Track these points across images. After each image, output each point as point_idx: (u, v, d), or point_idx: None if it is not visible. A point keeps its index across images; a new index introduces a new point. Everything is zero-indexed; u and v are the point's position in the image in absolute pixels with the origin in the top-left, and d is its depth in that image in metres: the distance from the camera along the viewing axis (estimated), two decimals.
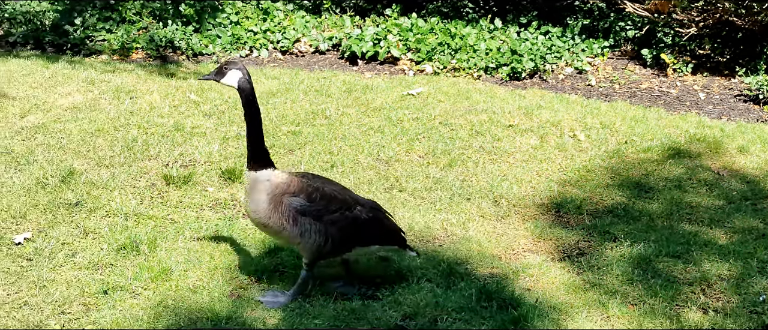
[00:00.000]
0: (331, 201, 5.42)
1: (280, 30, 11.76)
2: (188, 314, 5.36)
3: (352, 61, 11.19)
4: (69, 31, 11.55)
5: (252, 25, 11.75)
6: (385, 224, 5.66)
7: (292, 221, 5.32)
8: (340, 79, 10.22)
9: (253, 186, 5.39)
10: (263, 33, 11.70)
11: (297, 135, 8.36)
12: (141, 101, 9.23)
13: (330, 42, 11.58)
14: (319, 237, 5.37)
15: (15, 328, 5.19)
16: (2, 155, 7.60)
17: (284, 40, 11.59)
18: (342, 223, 5.42)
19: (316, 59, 11.39)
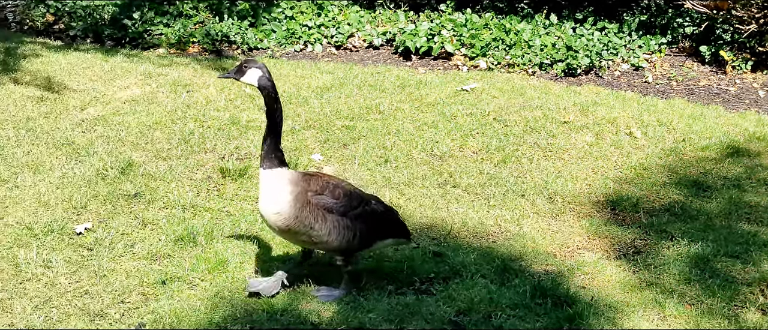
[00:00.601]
0: (352, 197, 5.41)
1: (335, 25, 11.81)
2: (244, 306, 5.42)
3: (405, 57, 11.20)
4: (127, 24, 11.73)
5: (306, 20, 11.82)
6: (396, 217, 5.71)
7: (322, 219, 5.26)
8: (394, 75, 10.23)
9: (270, 185, 5.26)
10: (318, 28, 11.76)
11: (351, 130, 8.40)
12: (197, 95, 9.34)
13: (384, 37, 11.61)
14: (347, 232, 5.33)
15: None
16: (64, 146, 7.75)
17: (338, 35, 11.64)
18: (365, 218, 5.42)
19: (369, 54, 11.42)
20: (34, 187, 6.94)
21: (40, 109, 8.72)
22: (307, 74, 10.18)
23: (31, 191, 6.87)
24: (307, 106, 9.00)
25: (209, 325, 5.21)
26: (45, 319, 5.21)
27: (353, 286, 5.62)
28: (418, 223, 6.63)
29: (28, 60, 10.47)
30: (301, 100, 9.21)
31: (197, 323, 5.22)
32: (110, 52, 11.06)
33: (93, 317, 5.28)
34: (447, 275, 5.86)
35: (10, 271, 5.70)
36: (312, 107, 8.98)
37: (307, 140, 8.12)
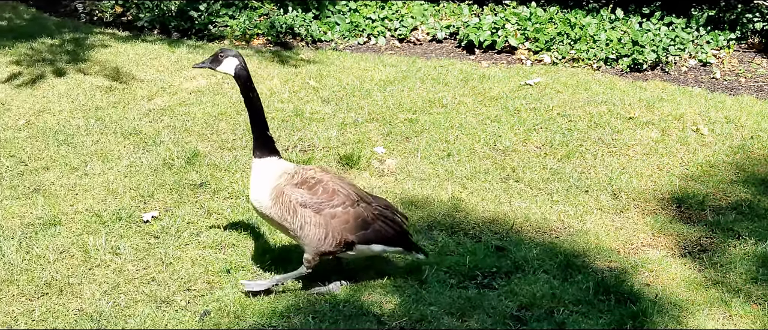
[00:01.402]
0: (334, 195, 5.32)
1: (398, 18, 11.82)
2: (307, 296, 5.47)
3: (468, 50, 11.16)
4: (194, 16, 11.89)
5: (370, 13, 11.84)
6: (390, 225, 5.48)
7: (293, 213, 5.26)
8: (457, 68, 10.21)
9: (256, 174, 5.35)
10: (381, 21, 11.78)
11: (414, 123, 8.41)
12: (262, 86, 9.43)
13: (447, 30, 11.58)
14: (318, 230, 5.27)
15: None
16: (131, 136, 7.89)
17: (402, 28, 11.65)
18: (343, 218, 5.31)
19: (432, 47, 11.41)
20: (102, 176, 7.09)
21: (108, 99, 8.89)
22: (371, 67, 10.21)
23: (100, 179, 7.02)
24: (370, 99, 9.03)
25: (272, 314, 5.27)
26: (113, 304, 5.32)
27: (282, 282, 5.48)
28: (481, 217, 6.61)
29: (97, 50, 10.67)
30: (364, 92, 9.24)
31: (260, 312, 5.29)
32: (176, 44, 11.22)
33: (160, 304, 5.37)
34: (509, 270, 5.84)
35: (80, 257, 5.83)
36: (375, 100, 9.01)
37: (370, 133, 8.15)
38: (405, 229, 5.59)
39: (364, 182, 7.16)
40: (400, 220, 5.58)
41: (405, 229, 5.59)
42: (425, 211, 6.68)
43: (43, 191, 6.77)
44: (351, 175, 7.29)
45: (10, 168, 7.14)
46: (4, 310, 5.19)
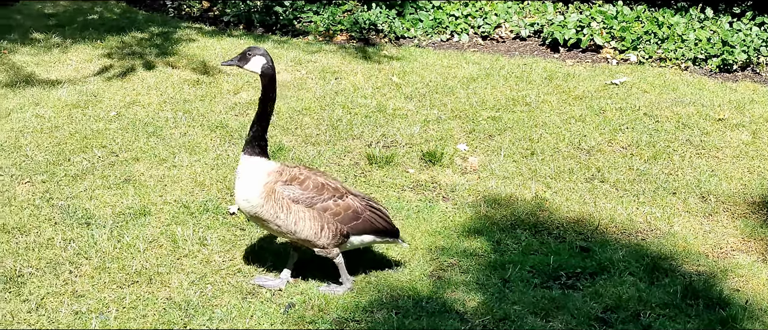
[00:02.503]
0: (323, 189, 5.36)
1: (482, 15, 11.76)
2: (390, 291, 5.49)
3: (553, 48, 11.05)
4: (278, 12, 12.02)
5: (454, 10, 11.81)
6: (379, 215, 5.50)
7: (286, 210, 5.26)
8: (541, 66, 10.12)
9: (245, 171, 5.33)
10: (464, 17, 11.74)
11: (497, 121, 8.37)
12: (345, 82, 9.49)
13: (531, 28, 11.48)
14: (314, 224, 5.29)
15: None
16: (218, 129, 8.02)
17: (485, 25, 11.59)
18: (335, 210, 5.34)
19: (516, 45, 11.33)
20: (190, 168, 7.22)
21: (195, 92, 9.05)
22: (454, 64, 10.19)
23: (187, 171, 7.15)
24: (453, 96, 9.02)
25: (355, 308, 5.31)
26: (200, 294, 5.42)
27: (346, 273, 5.52)
28: (565, 217, 6.55)
29: (185, 44, 10.87)
30: (447, 89, 9.23)
31: (344, 306, 5.32)
32: (261, 39, 11.36)
33: (245, 295, 5.45)
34: (594, 271, 5.77)
35: (169, 247, 5.95)
36: (458, 97, 8.99)
37: (453, 130, 8.14)
38: (391, 221, 5.61)
39: (447, 179, 7.15)
40: (386, 213, 5.61)
41: (391, 221, 5.61)
42: (508, 210, 6.65)
43: (133, 182, 6.93)
44: (434, 172, 7.29)
45: (101, 158, 7.33)
46: (97, 297, 5.33)
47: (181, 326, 5.11)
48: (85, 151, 7.45)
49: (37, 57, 10.21)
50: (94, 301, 5.29)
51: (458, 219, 6.50)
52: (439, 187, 7.07)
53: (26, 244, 5.89)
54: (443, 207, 6.71)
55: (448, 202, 6.81)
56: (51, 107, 8.46)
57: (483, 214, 6.58)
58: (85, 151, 7.45)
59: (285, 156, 7.45)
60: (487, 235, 6.25)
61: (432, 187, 7.08)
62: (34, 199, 6.55)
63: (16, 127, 7.88)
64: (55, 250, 5.85)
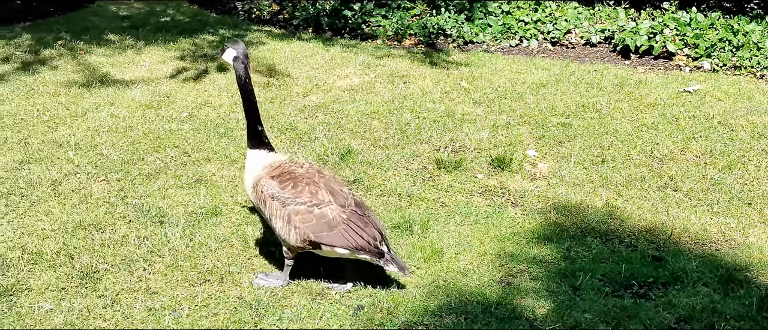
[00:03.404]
0: (301, 193, 5.36)
1: (551, 21, 11.68)
2: (459, 296, 5.47)
3: (624, 55, 10.91)
4: (347, 16, 12.08)
5: (523, 15, 11.75)
6: (357, 232, 5.31)
7: (262, 203, 5.44)
8: (612, 73, 10.01)
9: (247, 164, 5.68)
10: (534, 23, 11.67)
11: (567, 127, 8.29)
12: (413, 86, 9.50)
13: (602, 34, 11.36)
14: (284, 224, 5.34)
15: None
16: (288, 131, 8.09)
17: (555, 31, 11.50)
18: (305, 216, 5.31)
19: (586, 51, 11.21)
20: None
21: (265, 95, 9.13)
22: (523, 69, 10.13)
23: None
24: (522, 102, 8.96)
25: (424, 312, 5.30)
26: (270, 294, 5.46)
27: (287, 281, 5.56)
28: (636, 226, 6.46)
29: (255, 47, 10.99)
30: (516, 95, 9.17)
31: (413, 310, 5.32)
32: (330, 42, 11.43)
33: (315, 296, 5.48)
34: (666, 280, 5.68)
35: (240, 247, 6.01)
36: (527, 103, 8.93)
37: (522, 136, 8.09)
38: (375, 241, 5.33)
39: (516, 185, 7.11)
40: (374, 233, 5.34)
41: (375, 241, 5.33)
42: (578, 217, 6.58)
43: (205, 182, 7.02)
44: (503, 177, 7.26)
45: (174, 158, 7.44)
46: (170, 294, 5.41)
47: (252, 325, 5.16)
48: (158, 150, 7.58)
49: (111, 58, 10.42)
50: (167, 299, 5.37)
51: (527, 225, 6.46)
52: (507, 192, 7.03)
53: (102, 241, 6.01)
54: (512, 213, 6.67)
55: (517, 208, 6.77)
56: (125, 107, 8.62)
57: (553, 221, 6.52)
58: (159, 150, 7.58)
59: (354, 159, 7.48)
60: (557, 243, 6.19)
61: (501, 192, 7.04)
62: (109, 196, 6.68)
63: (92, 126, 8.05)
64: (130, 247, 5.96)
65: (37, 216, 6.35)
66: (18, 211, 6.41)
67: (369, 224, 5.38)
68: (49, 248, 5.88)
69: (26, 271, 5.61)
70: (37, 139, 7.72)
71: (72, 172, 7.08)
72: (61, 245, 5.92)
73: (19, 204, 6.51)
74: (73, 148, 7.53)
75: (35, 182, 6.87)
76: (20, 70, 9.76)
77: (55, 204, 6.53)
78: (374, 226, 5.40)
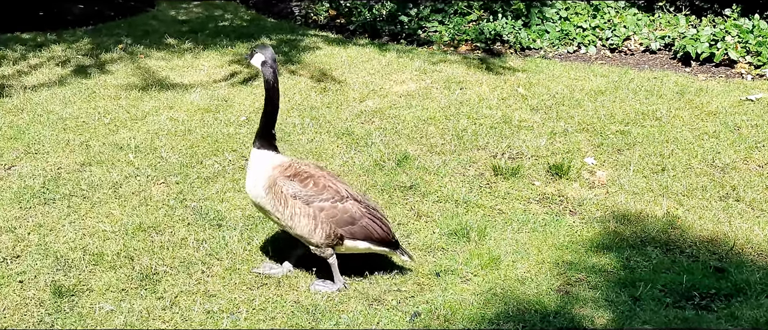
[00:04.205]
0: (324, 190, 5.45)
1: (610, 27, 11.55)
2: (516, 304, 5.42)
3: (684, 62, 10.74)
4: (403, 21, 12.09)
5: (581, 22, 11.64)
6: (378, 224, 5.52)
7: (283, 203, 5.40)
8: (672, 80, 9.86)
9: (253, 163, 5.57)
10: (592, 29, 11.55)
11: (625, 135, 8.18)
12: (470, 92, 9.46)
13: (662, 41, 11.20)
14: (309, 221, 5.39)
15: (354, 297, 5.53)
16: (344, 136, 8.11)
17: (614, 37, 11.37)
18: (331, 211, 5.41)
19: (645, 58, 11.07)
20: None
21: (322, 99, 9.17)
22: (581, 76, 10.04)
23: None
24: (581, 109, 8.87)
25: (481, 320, 5.26)
26: (327, 299, 5.47)
27: (344, 282, 5.61)
28: (698, 236, 6.35)
29: (311, 52, 11.05)
30: (574, 102, 9.09)
31: (470, 318, 5.29)
32: (385, 48, 11.44)
33: (371, 302, 5.48)
34: (729, 292, 5.57)
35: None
36: (585, 110, 8.84)
37: (581, 143, 8.00)
38: (391, 232, 5.60)
39: (574, 193, 7.04)
40: (388, 225, 5.60)
41: (391, 232, 5.60)
42: (638, 226, 6.49)
43: None
44: (560, 185, 7.18)
45: (232, 162, 7.49)
46: (228, 297, 5.45)
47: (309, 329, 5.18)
48: (216, 154, 7.64)
49: (170, 62, 10.55)
50: (225, 302, 5.40)
51: (586, 234, 6.38)
52: (565, 200, 6.96)
53: (161, 243, 6.07)
54: (570, 221, 6.60)
55: (575, 216, 6.69)
56: (184, 111, 8.72)
57: (612, 230, 6.44)
58: (217, 154, 7.64)
59: (410, 165, 7.47)
60: (616, 252, 6.11)
61: (558, 200, 6.97)
62: (168, 199, 6.75)
63: (151, 130, 8.15)
64: (188, 249, 6.01)
65: (98, 217, 6.44)
66: (80, 212, 6.50)
67: (382, 217, 5.60)
68: (110, 250, 5.95)
69: (87, 272, 5.69)
70: (98, 142, 7.83)
71: (132, 174, 7.17)
72: (121, 247, 6.00)
73: (81, 205, 6.61)
74: (133, 151, 7.63)
75: (96, 184, 6.97)
76: (81, 74, 9.92)
77: (116, 206, 6.62)
78: (386, 220, 5.63)
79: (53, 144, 7.74)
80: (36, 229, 6.22)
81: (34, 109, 8.63)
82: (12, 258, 5.82)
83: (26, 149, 7.62)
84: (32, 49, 10.91)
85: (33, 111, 8.56)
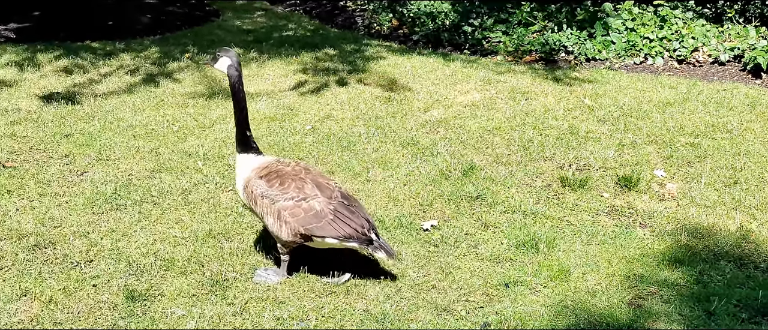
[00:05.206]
0: (288, 189, 5.57)
1: (678, 38, 11.39)
2: (587, 317, 5.36)
3: (754, 74, 10.54)
4: (467, 31, 12.06)
5: (648, 33, 11.49)
6: (345, 221, 5.51)
7: (253, 202, 5.66)
8: (742, 92, 9.69)
9: (237, 166, 5.89)
10: (659, 40, 11.40)
11: (696, 147, 8.05)
12: (535, 103, 9.40)
13: (731, 53, 11.00)
14: (275, 220, 5.55)
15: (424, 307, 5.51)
16: (409, 146, 8.10)
17: (681, 48, 11.20)
18: (294, 210, 5.51)
19: (714, 70, 10.88)
20: (383, 183, 7.32)
21: (386, 109, 9.18)
22: (648, 87, 9.91)
23: (381, 186, 7.25)
24: (649, 121, 8.76)
25: None
26: (396, 308, 5.46)
27: (285, 276, 5.75)
28: None
29: (375, 62, 11.08)
30: (641, 114, 8.97)
31: (541, 329, 5.23)
32: (449, 58, 11.42)
33: (440, 312, 5.45)
34: None
35: (364, 259, 6.03)
36: (653, 122, 8.72)
37: (650, 155, 7.89)
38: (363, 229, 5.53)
39: (644, 206, 6.94)
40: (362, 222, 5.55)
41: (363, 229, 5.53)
42: (711, 240, 6.37)
43: None
44: (630, 197, 7.09)
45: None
46: (297, 304, 5.46)
47: None
48: None
49: None
50: (294, 309, 5.42)
51: (657, 247, 6.29)
52: (635, 213, 6.86)
53: (230, 250, 6.12)
54: (640, 234, 6.50)
55: (645, 229, 6.60)
56: (250, 119, 8.77)
57: (683, 244, 6.33)
58: None
59: (476, 175, 7.44)
60: (689, 266, 6.00)
61: (628, 212, 6.88)
62: (236, 206, 6.81)
63: (219, 137, 8.23)
64: (257, 256, 6.05)
65: (169, 224, 6.52)
66: (150, 218, 6.59)
67: (356, 213, 5.59)
68: (180, 255, 6.02)
69: (159, 277, 5.76)
70: (167, 149, 7.94)
71: (201, 181, 7.25)
72: (191, 253, 6.06)
73: (152, 211, 6.70)
74: (201, 158, 7.72)
75: (166, 191, 7.06)
76: (149, 82, 10.07)
77: (186, 212, 6.70)
78: (362, 215, 5.61)
79: (124, 151, 7.86)
80: (108, 234, 6.32)
81: (104, 116, 8.78)
82: (86, 262, 5.92)
83: (98, 155, 7.75)
84: (102, 58, 11.11)
85: (104, 118, 8.72)
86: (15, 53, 11.19)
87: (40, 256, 5.98)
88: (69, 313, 5.33)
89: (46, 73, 10.36)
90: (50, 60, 10.94)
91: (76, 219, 6.54)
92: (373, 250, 5.59)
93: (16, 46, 11.65)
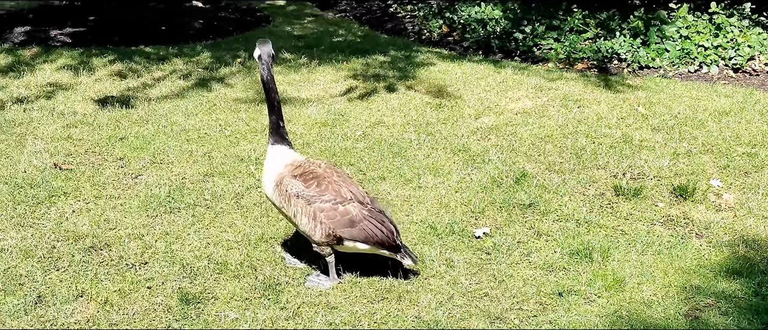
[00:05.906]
0: (326, 191, 5.56)
1: (734, 46, 11.22)
2: (643, 328, 5.28)
3: None
4: (518, 38, 11.99)
5: (702, 40, 11.33)
6: (378, 228, 5.56)
7: (287, 201, 5.58)
8: None
9: (267, 160, 5.77)
10: (714, 49, 11.24)
11: (753, 157, 7.92)
12: (588, 110, 9.31)
13: None
14: (309, 221, 5.53)
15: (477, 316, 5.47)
16: (460, 152, 8.07)
17: (737, 57, 11.03)
18: (330, 213, 5.52)
19: None
20: (435, 189, 7.29)
21: (437, 115, 9.15)
22: (703, 96, 9.77)
23: (432, 193, 7.22)
24: (704, 130, 8.63)
25: None
26: (448, 315, 5.43)
27: (336, 280, 5.76)
28: None
29: (425, 68, 11.06)
30: (697, 122, 8.84)
31: None
32: (500, 64, 11.37)
33: (493, 320, 5.41)
34: None
35: (417, 266, 6.01)
36: (709, 131, 8.59)
37: (705, 165, 7.77)
38: (393, 236, 5.62)
39: (700, 216, 6.83)
40: (391, 228, 5.63)
41: (393, 236, 5.62)
42: None
43: (380, 200, 7.06)
44: (685, 207, 6.98)
45: (350, 176, 7.53)
46: (349, 310, 5.46)
47: None
48: None
49: (287, 76, 10.71)
50: (346, 314, 5.41)
51: (714, 258, 6.18)
52: (691, 223, 6.75)
53: (282, 254, 6.13)
54: (697, 244, 6.40)
55: (702, 240, 6.49)
56: (301, 124, 8.82)
57: (741, 255, 6.21)
58: None
59: (529, 183, 7.38)
60: (747, 277, 5.89)
61: (684, 223, 6.77)
62: None
63: None
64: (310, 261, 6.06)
65: (222, 227, 6.55)
66: (204, 222, 6.63)
67: (386, 221, 5.66)
68: (234, 259, 6.05)
69: (212, 280, 5.79)
70: (220, 153, 7.99)
71: (253, 185, 7.28)
72: (244, 256, 6.09)
73: (205, 215, 6.74)
74: (253, 163, 7.75)
75: (219, 194, 7.10)
76: (202, 87, 10.16)
77: (238, 216, 6.73)
78: (390, 222, 5.69)
79: (177, 154, 7.93)
80: (162, 236, 6.37)
81: (158, 120, 8.87)
82: (140, 264, 5.97)
83: (152, 159, 7.83)
84: (155, 63, 11.24)
85: (157, 122, 8.80)
86: (70, 57, 11.37)
87: (95, 258, 6.04)
88: (124, 315, 5.38)
89: (101, 77, 10.50)
90: (104, 64, 11.10)
91: (130, 221, 6.61)
92: (401, 257, 5.69)
93: (72, 50, 11.84)
